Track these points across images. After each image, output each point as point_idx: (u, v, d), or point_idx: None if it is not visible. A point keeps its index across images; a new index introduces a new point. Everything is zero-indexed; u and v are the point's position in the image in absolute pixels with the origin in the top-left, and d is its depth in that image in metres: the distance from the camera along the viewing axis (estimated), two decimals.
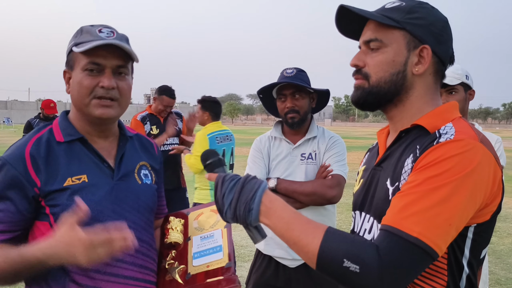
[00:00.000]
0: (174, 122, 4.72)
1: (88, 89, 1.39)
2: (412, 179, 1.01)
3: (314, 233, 1.00)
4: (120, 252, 1.26)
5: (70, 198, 1.37)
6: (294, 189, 2.25)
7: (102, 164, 1.46)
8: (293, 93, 2.34)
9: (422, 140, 1.09)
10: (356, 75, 1.20)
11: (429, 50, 1.13)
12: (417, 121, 1.14)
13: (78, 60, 1.40)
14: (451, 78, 2.44)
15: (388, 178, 1.13)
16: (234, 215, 1.09)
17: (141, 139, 1.67)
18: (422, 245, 0.94)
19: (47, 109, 6.51)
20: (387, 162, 1.19)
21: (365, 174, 1.29)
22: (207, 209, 1.72)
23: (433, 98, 1.18)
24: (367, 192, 1.23)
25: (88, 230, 1.32)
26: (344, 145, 2.44)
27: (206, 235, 1.60)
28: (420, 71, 1.14)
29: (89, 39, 1.38)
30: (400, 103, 1.18)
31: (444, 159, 0.99)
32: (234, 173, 1.15)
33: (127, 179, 1.51)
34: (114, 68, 1.41)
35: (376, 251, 0.94)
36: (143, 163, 1.59)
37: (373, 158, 1.32)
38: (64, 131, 1.46)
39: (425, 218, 0.95)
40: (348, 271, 0.94)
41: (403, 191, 1.01)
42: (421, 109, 1.16)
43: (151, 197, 1.58)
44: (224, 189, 1.12)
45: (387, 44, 1.14)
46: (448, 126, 1.09)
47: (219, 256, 1.50)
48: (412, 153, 1.08)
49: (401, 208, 0.98)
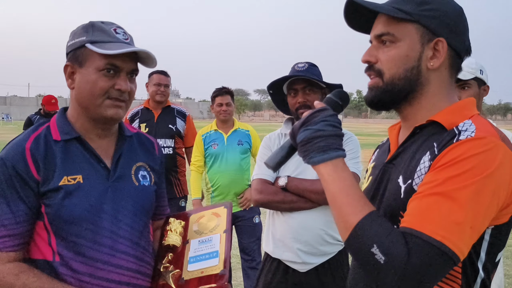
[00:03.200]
0: None
1: (103, 90, 1.42)
2: (431, 179, 1.00)
3: (362, 207, 1.02)
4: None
5: (65, 199, 1.39)
6: (305, 188, 2.24)
7: (98, 164, 1.48)
8: (304, 87, 2.33)
9: (439, 137, 1.08)
10: (369, 72, 1.19)
11: (444, 43, 1.12)
12: (433, 117, 1.13)
13: (93, 59, 1.42)
14: (464, 72, 2.41)
15: (400, 176, 1.13)
16: (308, 138, 1.12)
17: (141, 138, 1.67)
18: (445, 249, 0.94)
19: (48, 105, 6.54)
20: (399, 159, 1.18)
21: (375, 171, 1.29)
22: (209, 212, 1.73)
23: (449, 93, 1.17)
24: (377, 190, 1.23)
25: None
26: (358, 143, 2.43)
27: (204, 239, 1.61)
28: (435, 65, 1.13)
29: (107, 39, 1.42)
30: (415, 101, 1.17)
31: (465, 158, 0.98)
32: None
33: (123, 180, 1.52)
34: (129, 71, 1.46)
35: (407, 250, 0.94)
36: (141, 164, 1.60)
37: (383, 154, 1.31)
38: (61, 129, 1.48)
39: (448, 221, 0.95)
40: (373, 258, 0.95)
41: (422, 191, 1.00)
42: (437, 105, 1.15)
43: (148, 199, 1.59)
44: (323, 117, 1.13)
45: (400, 38, 1.13)
46: (467, 123, 1.08)
47: (214, 262, 1.51)
48: (429, 151, 1.07)
49: (423, 210, 0.98)
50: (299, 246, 2.28)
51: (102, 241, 1.42)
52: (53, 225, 1.40)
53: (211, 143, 4.05)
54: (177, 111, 4.43)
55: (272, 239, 2.37)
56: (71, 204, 1.39)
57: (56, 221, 1.39)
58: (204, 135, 4.11)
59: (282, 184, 2.26)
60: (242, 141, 4.06)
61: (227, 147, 4.02)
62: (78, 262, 1.39)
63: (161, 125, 4.28)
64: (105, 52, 1.39)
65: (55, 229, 1.40)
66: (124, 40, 1.45)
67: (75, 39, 1.46)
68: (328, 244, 2.30)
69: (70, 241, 1.40)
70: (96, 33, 1.44)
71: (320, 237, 2.28)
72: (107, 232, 1.43)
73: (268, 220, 2.43)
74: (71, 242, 1.40)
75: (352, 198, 1.04)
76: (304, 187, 2.24)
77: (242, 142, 4.06)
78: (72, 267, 1.39)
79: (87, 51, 1.42)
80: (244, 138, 4.09)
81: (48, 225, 1.40)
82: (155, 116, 4.32)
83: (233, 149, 4.02)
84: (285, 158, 1.24)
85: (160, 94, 4.29)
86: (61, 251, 1.39)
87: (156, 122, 4.29)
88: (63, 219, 1.39)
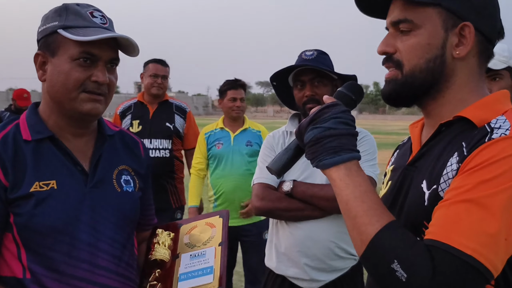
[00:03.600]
0: None
1: (77, 81, 1.40)
2: (460, 184, 0.99)
3: (380, 216, 1.02)
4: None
5: (36, 208, 1.37)
6: (313, 193, 2.22)
7: (74, 167, 1.47)
8: (312, 79, 2.31)
9: (468, 135, 1.07)
10: (387, 63, 1.19)
11: (471, 28, 1.11)
12: (461, 113, 1.12)
13: (66, 47, 1.40)
14: (495, 61, 2.41)
15: (424, 180, 1.12)
16: (317, 138, 1.11)
17: (124, 138, 1.66)
18: (477, 265, 0.92)
19: (19, 100, 6.58)
20: (422, 161, 1.18)
21: (395, 175, 1.29)
22: (202, 222, 1.72)
23: (478, 85, 1.17)
24: (397, 196, 1.22)
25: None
26: (374, 142, 2.43)
27: (197, 253, 1.61)
28: (462, 53, 1.12)
29: (82, 24, 1.41)
30: (439, 95, 1.16)
31: (498, 160, 0.97)
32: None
33: (103, 185, 1.50)
34: (107, 60, 1.45)
35: (432, 266, 0.93)
36: (123, 167, 1.59)
37: (404, 156, 1.31)
38: (32, 127, 1.46)
39: (479, 232, 0.94)
40: (393, 274, 0.95)
41: (450, 198, 0.99)
42: (465, 99, 1.15)
43: (131, 207, 1.58)
44: (334, 114, 1.12)
45: (420, 25, 1.12)
46: (500, 119, 1.07)
47: (208, 280, 1.51)
48: (457, 151, 1.06)
49: (450, 220, 0.97)
50: (306, 261, 2.25)
51: (79, 256, 1.40)
52: (23, 237, 1.38)
53: (215, 142, 3.98)
54: (176, 107, 4.28)
55: (275, 252, 2.35)
56: (43, 213, 1.38)
57: (27, 232, 1.38)
58: (208, 134, 4.05)
59: (287, 190, 2.25)
60: (251, 142, 3.98)
61: (233, 148, 3.94)
62: (52, 280, 1.38)
63: (157, 122, 4.13)
64: (79, 39, 1.37)
65: (25, 241, 1.38)
66: (102, 24, 1.43)
67: (46, 24, 1.44)
68: (340, 259, 2.28)
69: (43, 256, 1.38)
70: (70, 16, 1.42)
71: (330, 250, 2.26)
72: (85, 245, 1.42)
73: (271, 231, 2.41)
74: (43, 257, 1.38)
75: (368, 206, 1.03)
76: (312, 192, 2.22)
77: (251, 143, 3.98)
78: (45, 285, 1.37)
79: (60, 38, 1.41)
80: (254, 139, 4.01)
81: (17, 237, 1.39)
82: (150, 112, 4.17)
83: (240, 151, 3.93)
84: (291, 162, 1.23)
85: (156, 87, 4.16)
86: (33, 267, 1.38)
87: (151, 119, 4.14)
88: (34, 230, 1.37)
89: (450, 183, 1.04)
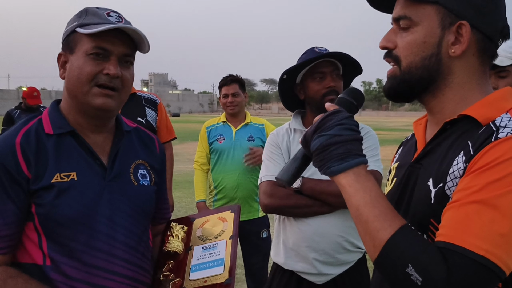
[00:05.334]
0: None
1: (90, 75, 1.43)
2: (468, 185, 0.99)
3: (392, 220, 1.01)
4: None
5: (57, 198, 1.41)
6: (322, 189, 2.20)
7: (94, 161, 1.50)
8: (332, 71, 2.30)
9: (473, 134, 1.06)
10: (387, 58, 1.20)
11: (468, 27, 1.10)
12: (465, 111, 1.11)
13: (81, 43, 1.45)
14: (502, 58, 2.39)
15: (431, 178, 1.11)
16: (323, 145, 1.11)
17: (139, 134, 1.70)
18: (490, 265, 0.92)
19: (29, 99, 6.58)
20: (428, 159, 1.17)
21: (400, 172, 1.28)
22: (214, 216, 1.75)
23: (481, 83, 1.15)
24: (403, 194, 1.22)
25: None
26: (377, 138, 2.42)
27: (209, 246, 1.64)
28: (457, 52, 1.11)
29: (97, 21, 1.45)
30: (439, 92, 1.16)
31: (505, 160, 0.97)
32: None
33: (121, 179, 1.53)
34: (121, 56, 1.47)
35: (446, 268, 0.93)
36: (140, 161, 1.62)
37: (409, 153, 1.30)
38: (54, 123, 1.50)
39: (491, 232, 0.93)
40: (408, 279, 0.94)
41: (459, 199, 0.99)
42: (467, 97, 1.14)
43: (148, 201, 1.61)
44: (338, 121, 1.12)
45: (417, 22, 1.13)
46: (505, 117, 1.06)
47: (219, 271, 1.53)
48: (463, 151, 1.05)
49: (461, 221, 0.96)
50: (315, 256, 2.25)
51: (98, 246, 1.44)
52: (45, 226, 1.42)
53: (217, 136, 3.95)
54: (145, 99, 3.73)
55: (283, 248, 2.34)
56: (64, 204, 1.41)
57: (48, 222, 1.41)
58: (210, 128, 4.02)
59: (297, 186, 2.23)
60: (253, 137, 3.93)
61: (235, 143, 3.90)
62: (72, 268, 1.41)
63: (127, 118, 3.74)
64: (88, 32, 1.41)
65: (46, 231, 1.42)
66: (116, 22, 1.46)
67: (68, 26, 1.50)
68: (347, 252, 2.28)
69: (63, 244, 1.41)
70: (88, 17, 1.47)
71: (339, 244, 2.26)
72: (103, 236, 1.45)
73: (278, 227, 2.40)
74: (64, 246, 1.41)
75: (379, 211, 1.03)
76: (321, 189, 2.20)
77: (253, 138, 3.93)
78: (65, 272, 1.40)
79: (77, 36, 1.46)
80: (256, 134, 3.96)
81: (38, 226, 1.42)
82: None
83: (242, 146, 3.89)
84: (300, 171, 1.24)
85: None
86: (53, 254, 1.41)
87: (120, 114, 3.76)
88: (55, 220, 1.41)
89: (457, 182, 1.03)
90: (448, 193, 1.05)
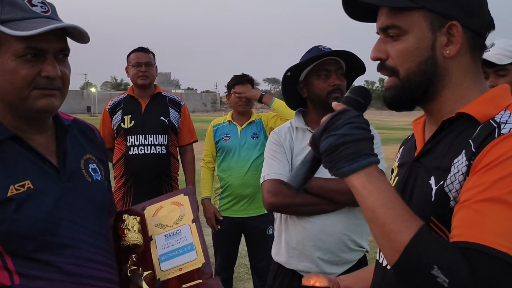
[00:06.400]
0: None
1: (26, 80, 1.29)
2: (477, 183, 0.98)
3: (410, 222, 0.98)
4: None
5: (17, 212, 1.29)
6: (329, 188, 2.17)
7: (43, 164, 1.38)
8: (337, 69, 2.30)
9: (473, 131, 1.06)
10: (382, 71, 1.18)
11: (459, 27, 1.09)
12: (463, 109, 1.11)
13: (8, 43, 1.27)
14: (500, 56, 2.38)
15: (432, 176, 1.11)
16: (333, 146, 1.07)
17: (79, 126, 1.58)
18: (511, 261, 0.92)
19: None
20: (427, 157, 1.17)
21: (401, 171, 1.28)
22: (167, 202, 1.69)
23: (476, 81, 1.15)
24: (404, 192, 1.22)
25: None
26: (379, 137, 2.42)
27: (171, 233, 1.58)
28: (452, 52, 1.11)
29: (22, 15, 1.27)
30: (437, 94, 1.15)
31: None
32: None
33: (75, 178, 1.44)
34: (56, 51, 1.33)
35: (469, 266, 0.91)
36: (88, 156, 1.53)
37: (409, 152, 1.30)
38: None
39: (509, 229, 0.93)
40: (434, 281, 0.92)
41: (470, 198, 0.98)
42: (464, 95, 1.14)
43: (104, 196, 1.54)
44: (347, 120, 1.08)
45: (407, 30, 1.11)
46: (505, 114, 1.06)
47: (192, 256, 1.49)
48: (465, 149, 1.05)
49: (477, 219, 0.95)
50: (320, 254, 2.23)
51: (67, 252, 1.36)
52: (6, 243, 1.30)
53: (223, 135, 3.97)
54: (169, 100, 3.94)
55: (285, 247, 2.31)
56: (26, 216, 1.30)
57: (10, 238, 1.29)
58: (216, 126, 4.05)
59: None
60: (257, 134, 3.96)
61: (241, 141, 3.93)
62: (44, 280, 1.32)
63: (151, 117, 3.79)
64: (21, 34, 1.23)
65: (9, 248, 1.30)
66: (43, 13, 1.30)
67: None
68: (351, 251, 2.28)
69: (30, 258, 1.31)
70: (7, 8, 1.27)
71: (343, 243, 2.24)
72: (70, 240, 1.37)
73: (279, 225, 2.37)
74: (31, 259, 1.31)
75: (396, 213, 0.99)
76: (328, 187, 2.16)
77: (257, 134, 3.96)
78: (37, 286, 1.31)
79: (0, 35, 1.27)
80: (258, 130, 4.00)
81: (1, 248, 1.30)
82: (143, 106, 3.82)
83: (247, 144, 3.92)
84: (310, 175, 1.20)
85: (141, 76, 3.77)
86: (21, 270, 1.31)
87: (143, 113, 3.80)
88: (18, 235, 1.30)
89: (459, 180, 1.03)
90: (447, 190, 1.05)
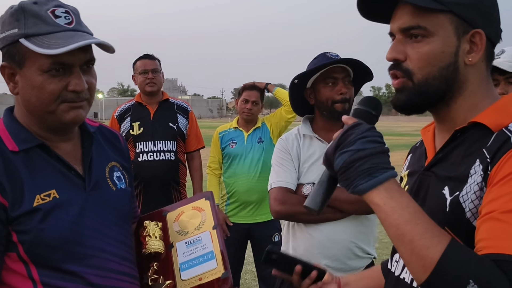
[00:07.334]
0: None
1: (53, 95, 1.29)
2: (499, 194, 0.96)
3: (439, 236, 0.95)
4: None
5: (43, 221, 1.29)
6: (336, 196, 2.14)
7: (69, 172, 1.38)
8: (344, 77, 2.29)
9: (487, 141, 1.05)
10: (394, 70, 1.15)
11: (483, 35, 1.09)
12: (475, 119, 1.09)
13: (33, 58, 1.26)
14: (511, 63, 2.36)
15: (446, 186, 1.09)
16: (348, 163, 1.03)
17: (103, 132, 1.57)
18: None
19: None
20: (440, 167, 1.15)
21: (411, 180, 1.26)
22: (188, 207, 1.65)
23: (488, 88, 1.15)
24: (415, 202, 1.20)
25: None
26: None
27: (192, 240, 1.54)
28: (474, 60, 1.10)
29: (45, 29, 1.26)
30: (452, 101, 1.14)
31: None
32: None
33: (100, 187, 1.44)
34: (82, 63, 1.32)
35: (508, 280, 0.89)
36: (113, 163, 1.52)
37: (419, 160, 1.28)
38: (15, 137, 1.34)
39: None
40: None
41: (495, 209, 0.95)
42: (476, 104, 1.13)
43: (128, 205, 1.53)
44: (360, 134, 1.05)
45: (433, 32, 1.09)
46: None
47: (212, 265, 1.46)
48: (479, 159, 1.04)
49: (506, 231, 0.93)
50: (327, 262, 2.21)
51: (91, 262, 1.35)
52: (32, 253, 1.29)
53: (229, 141, 3.97)
54: (177, 106, 3.98)
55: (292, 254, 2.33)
56: (52, 226, 1.30)
57: (36, 248, 1.29)
58: (222, 133, 4.05)
59: (308, 193, 2.21)
60: (262, 139, 3.96)
61: (247, 146, 3.93)
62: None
63: (159, 123, 3.83)
64: (46, 52, 1.22)
65: (34, 258, 1.29)
66: (67, 25, 1.28)
67: (5, 32, 1.29)
68: (358, 258, 2.27)
69: (55, 268, 1.31)
70: (30, 21, 1.26)
71: (350, 250, 2.24)
72: (95, 250, 1.37)
73: (287, 232, 2.37)
74: (56, 268, 1.31)
75: (424, 228, 0.95)
76: (335, 196, 2.16)
77: (262, 139, 3.96)
78: None
79: (24, 48, 1.26)
80: (263, 134, 4.00)
81: (24, 255, 1.29)
82: (151, 112, 3.85)
83: (254, 149, 3.92)
84: (328, 194, 1.17)
85: (149, 83, 3.81)
86: (46, 280, 1.30)
87: (152, 119, 3.82)
88: (44, 245, 1.29)
89: (475, 189, 1.02)
90: (461, 201, 1.04)
